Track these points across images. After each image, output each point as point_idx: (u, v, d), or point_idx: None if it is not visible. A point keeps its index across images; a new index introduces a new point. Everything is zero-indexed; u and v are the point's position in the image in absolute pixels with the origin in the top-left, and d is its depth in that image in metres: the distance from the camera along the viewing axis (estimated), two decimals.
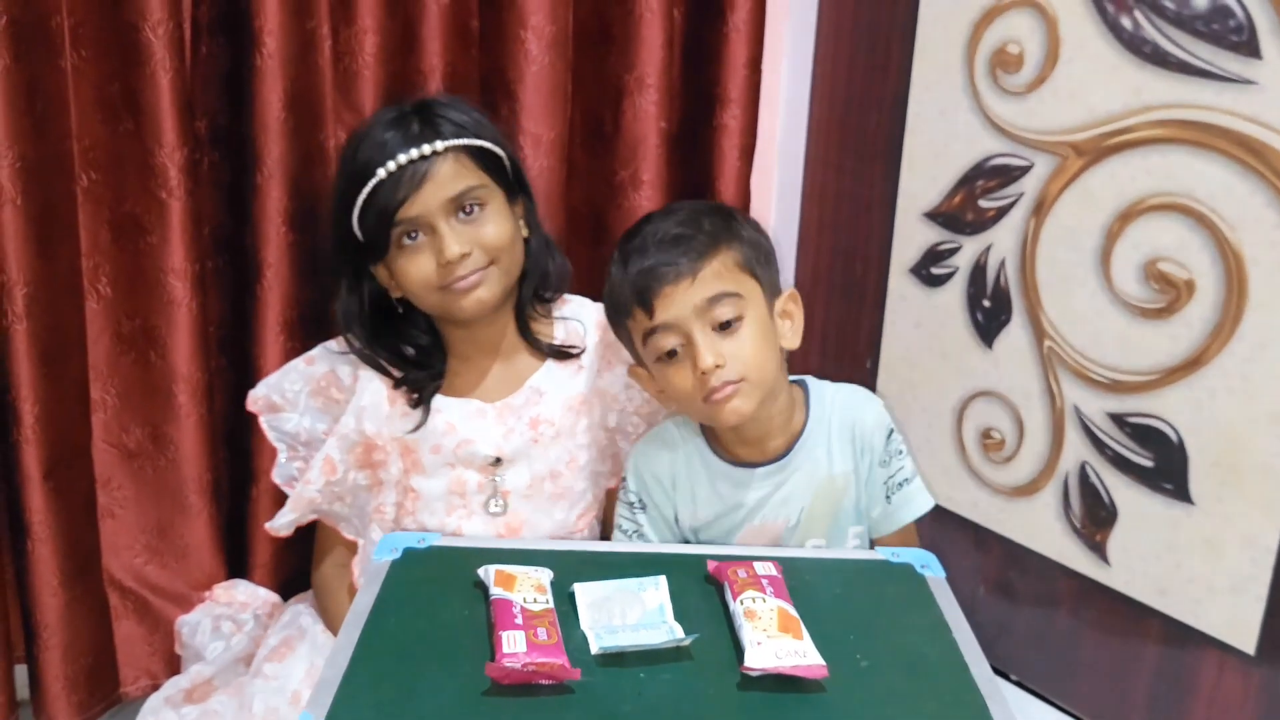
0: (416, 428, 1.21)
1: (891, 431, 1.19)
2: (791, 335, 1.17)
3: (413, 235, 1.16)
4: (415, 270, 1.17)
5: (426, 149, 1.14)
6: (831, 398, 1.20)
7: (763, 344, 1.10)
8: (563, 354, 1.27)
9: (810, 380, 1.22)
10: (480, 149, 1.18)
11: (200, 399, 1.37)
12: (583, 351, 1.27)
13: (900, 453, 1.20)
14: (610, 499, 1.32)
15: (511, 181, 1.23)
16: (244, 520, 1.44)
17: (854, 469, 1.19)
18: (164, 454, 1.38)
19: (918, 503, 1.21)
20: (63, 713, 1.32)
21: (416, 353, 1.23)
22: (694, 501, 1.19)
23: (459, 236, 1.16)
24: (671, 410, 1.21)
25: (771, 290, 1.15)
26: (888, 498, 1.20)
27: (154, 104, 1.26)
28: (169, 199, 1.29)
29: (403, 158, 1.14)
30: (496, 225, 1.18)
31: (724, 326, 1.09)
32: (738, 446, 1.19)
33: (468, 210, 1.17)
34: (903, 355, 1.65)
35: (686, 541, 1.22)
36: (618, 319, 1.16)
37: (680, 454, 1.20)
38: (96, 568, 1.36)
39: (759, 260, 1.14)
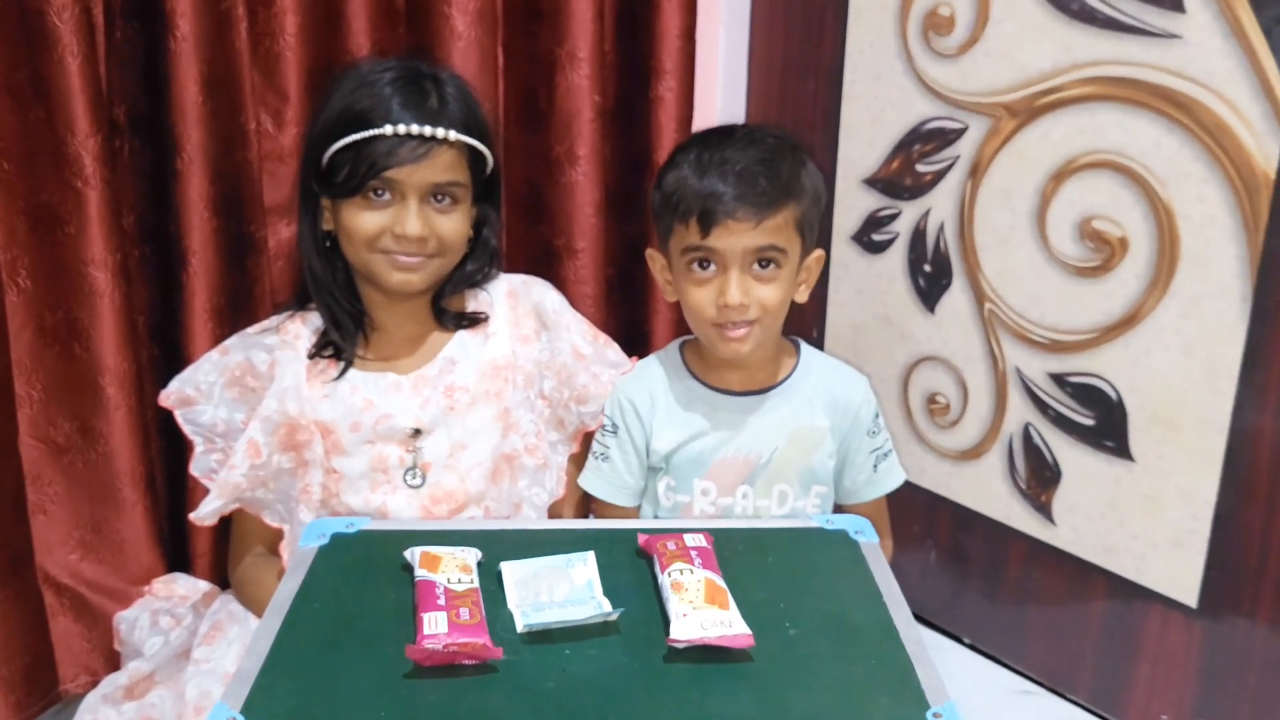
0: (341, 375, 1.22)
1: (876, 407, 1.27)
2: (803, 291, 1.23)
3: (380, 192, 1.16)
4: (367, 225, 1.16)
5: (440, 133, 1.15)
6: (822, 362, 1.28)
7: (784, 297, 1.18)
8: (469, 321, 1.27)
9: (802, 342, 1.29)
10: (475, 149, 1.19)
11: (129, 391, 1.34)
12: (488, 319, 1.27)
13: (884, 427, 1.28)
14: (574, 464, 1.32)
15: (484, 185, 1.23)
16: (181, 512, 1.41)
17: (831, 430, 1.24)
18: (94, 448, 1.35)
19: (896, 474, 1.29)
20: (0, 713, 1.30)
21: (334, 301, 1.23)
22: (670, 423, 1.24)
23: (424, 219, 1.16)
24: (670, 299, 1.24)
25: (809, 248, 1.20)
26: (875, 466, 1.27)
27: (64, 91, 1.23)
28: (85, 188, 1.26)
29: (414, 129, 1.13)
30: (456, 225, 1.20)
31: (760, 269, 1.16)
32: (722, 370, 1.24)
33: (440, 199, 1.18)
34: (847, 323, 1.65)
35: (655, 470, 1.25)
36: (666, 213, 1.18)
37: (659, 378, 1.26)
38: (29, 566, 1.34)
39: (814, 216, 1.19)
